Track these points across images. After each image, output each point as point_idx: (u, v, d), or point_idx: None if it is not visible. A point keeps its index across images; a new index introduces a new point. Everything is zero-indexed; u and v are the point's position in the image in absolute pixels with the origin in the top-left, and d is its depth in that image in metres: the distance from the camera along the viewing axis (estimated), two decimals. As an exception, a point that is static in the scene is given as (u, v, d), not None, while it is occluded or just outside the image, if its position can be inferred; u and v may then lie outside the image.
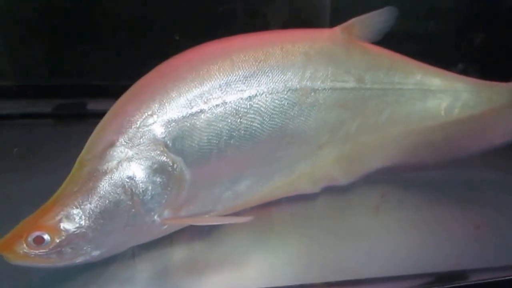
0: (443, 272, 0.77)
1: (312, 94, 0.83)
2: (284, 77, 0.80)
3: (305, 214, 0.90)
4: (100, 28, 1.22)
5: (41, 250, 0.63)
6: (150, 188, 0.69)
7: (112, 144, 0.68)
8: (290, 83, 0.80)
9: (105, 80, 1.24)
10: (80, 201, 0.65)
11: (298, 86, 0.81)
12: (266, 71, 0.78)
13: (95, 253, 0.67)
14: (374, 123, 0.94)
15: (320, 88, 0.84)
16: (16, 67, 1.23)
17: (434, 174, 1.04)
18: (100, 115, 1.17)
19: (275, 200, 0.89)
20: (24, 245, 0.62)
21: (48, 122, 1.27)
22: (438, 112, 0.98)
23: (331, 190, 0.94)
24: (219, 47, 0.78)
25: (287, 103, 0.80)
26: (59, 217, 0.64)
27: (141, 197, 0.69)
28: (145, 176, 0.68)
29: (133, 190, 0.68)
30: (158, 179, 0.70)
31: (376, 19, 0.88)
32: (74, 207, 0.65)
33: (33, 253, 0.63)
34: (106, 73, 1.24)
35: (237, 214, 0.83)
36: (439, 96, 0.97)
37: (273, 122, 0.79)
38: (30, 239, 0.62)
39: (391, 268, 0.76)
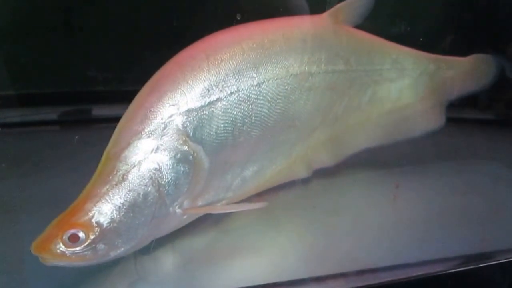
0: (470, 255, 0.79)
1: (310, 78, 0.86)
2: (286, 63, 0.82)
3: (322, 205, 0.91)
4: (104, 32, 1.22)
5: (77, 248, 0.62)
6: (174, 178, 0.70)
7: (138, 136, 0.68)
8: (292, 68, 0.83)
9: (109, 86, 1.25)
10: (111, 195, 0.65)
11: (298, 71, 0.84)
12: (272, 57, 0.80)
13: (125, 247, 0.67)
14: (357, 103, 0.98)
15: (315, 72, 0.87)
16: (19, 75, 1.20)
17: (447, 163, 1.09)
18: (105, 120, 1.18)
19: (291, 188, 0.92)
20: (61, 244, 0.62)
21: (54, 128, 1.26)
22: (412, 88, 1.03)
23: (346, 181, 0.98)
24: (229, 36, 0.79)
25: (289, 88, 0.83)
26: (92, 213, 0.64)
27: (166, 188, 0.69)
28: (170, 166, 0.69)
29: (159, 181, 0.68)
30: (181, 169, 0.70)
31: (358, 4, 0.92)
32: (106, 202, 0.64)
33: (70, 252, 0.62)
34: (110, 78, 1.24)
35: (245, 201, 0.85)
36: (412, 74, 1.02)
37: (278, 107, 0.82)
38: (65, 237, 0.62)
39: (417, 254, 0.77)
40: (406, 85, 1.03)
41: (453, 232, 0.84)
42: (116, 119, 0.73)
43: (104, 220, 0.64)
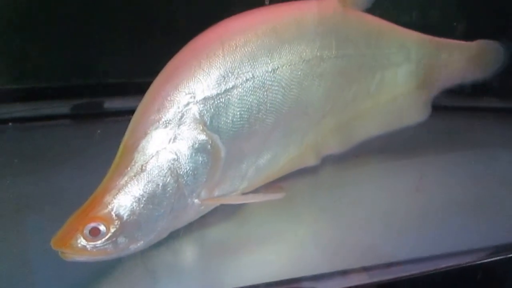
0: (499, 245, 0.76)
1: (321, 63, 0.85)
2: (299, 48, 0.81)
3: (345, 197, 0.90)
4: (115, 25, 1.21)
5: (98, 242, 0.61)
6: (193, 168, 0.69)
7: (155, 126, 0.67)
8: (304, 54, 0.82)
9: (121, 78, 1.24)
10: (130, 187, 0.64)
11: (310, 56, 0.83)
12: (285, 43, 0.79)
13: (145, 240, 0.66)
14: (366, 88, 0.98)
15: (327, 57, 0.86)
16: (30, 69, 1.20)
17: (470, 153, 1.08)
18: (117, 113, 1.16)
19: (312, 179, 0.91)
20: (82, 238, 0.61)
21: (66, 122, 1.25)
22: (416, 72, 1.03)
23: (368, 172, 0.97)
24: (242, 21, 0.78)
25: (302, 74, 0.82)
26: (111, 206, 0.63)
27: (185, 178, 0.68)
28: (188, 156, 0.68)
29: (178, 171, 0.67)
30: (199, 159, 0.69)
31: None
32: (125, 194, 0.63)
33: (90, 246, 0.61)
34: (122, 71, 1.23)
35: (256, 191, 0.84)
36: (416, 57, 1.02)
37: (292, 94, 0.81)
38: (86, 231, 0.61)
39: (445, 245, 0.76)
40: (411, 68, 1.02)
41: (480, 222, 0.83)
42: (128, 112, 0.72)
43: (124, 212, 0.63)
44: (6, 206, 0.83)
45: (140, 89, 0.73)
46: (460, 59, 1.07)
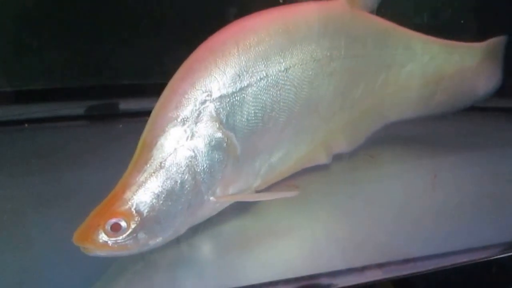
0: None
1: (331, 63, 0.87)
2: (310, 48, 0.83)
3: (360, 194, 0.91)
4: (130, 26, 1.22)
5: (119, 237, 0.62)
6: (209, 166, 0.70)
7: (173, 123, 0.68)
8: (315, 53, 0.84)
9: (136, 80, 1.25)
10: (149, 183, 0.65)
11: (321, 56, 0.85)
12: (296, 42, 0.81)
13: (164, 236, 0.67)
14: (372, 87, 1.00)
15: (336, 57, 0.88)
16: (45, 70, 1.21)
17: (483, 152, 1.09)
18: (132, 114, 1.17)
19: (326, 176, 0.92)
20: (103, 233, 0.62)
21: (81, 123, 1.27)
22: (421, 72, 1.05)
23: (383, 170, 0.98)
24: (255, 21, 0.79)
25: (313, 73, 0.84)
26: (132, 202, 0.64)
27: (202, 176, 0.69)
28: (205, 154, 0.69)
29: (195, 169, 0.68)
30: (216, 156, 0.70)
31: None
32: (145, 191, 0.64)
33: (112, 241, 0.62)
34: (136, 72, 1.25)
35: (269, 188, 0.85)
36: (422, 59, 1.04)
37: (303, 93, 0.82)
38: (107, 226, 0.62)
39: (458, 242, 0.76)
40: (415, 69, 1.05)
41: (494, 219, 0.83)
42: (143, 113, 0.73)
43: (144, 208, 0.64)
44: (23, 204, 0.84)
45: (155, 91, 0.74)
46: (470, 61, 1.08)
